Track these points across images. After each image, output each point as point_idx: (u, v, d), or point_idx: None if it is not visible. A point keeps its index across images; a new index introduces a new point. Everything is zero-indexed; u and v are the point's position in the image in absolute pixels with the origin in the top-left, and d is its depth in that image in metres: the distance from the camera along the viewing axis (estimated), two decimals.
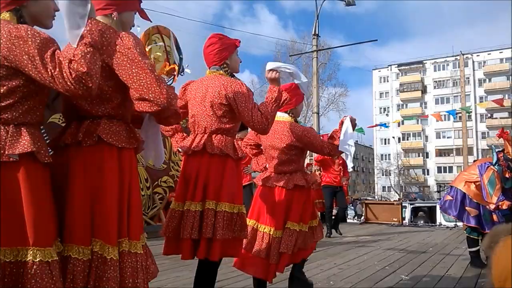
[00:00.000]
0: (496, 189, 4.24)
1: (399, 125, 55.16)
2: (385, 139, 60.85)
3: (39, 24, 1.65)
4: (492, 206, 4.26)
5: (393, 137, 57.61)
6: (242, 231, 2.30)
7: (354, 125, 2.87)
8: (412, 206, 15.11)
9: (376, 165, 59.33)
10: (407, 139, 58.53)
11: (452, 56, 53.07)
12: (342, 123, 2.86)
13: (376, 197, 46.91)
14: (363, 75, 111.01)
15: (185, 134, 2.58)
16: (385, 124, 12.58)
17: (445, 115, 11.26)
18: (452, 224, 10.84)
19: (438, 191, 15.36)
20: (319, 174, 8.76)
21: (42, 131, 1.70)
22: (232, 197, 2.26)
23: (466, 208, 4.54)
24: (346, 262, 5.05)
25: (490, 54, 54.39)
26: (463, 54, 23.19)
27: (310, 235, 2.93)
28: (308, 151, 3.14)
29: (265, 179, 2.91)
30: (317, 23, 16.45)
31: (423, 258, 5.42)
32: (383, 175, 53.20)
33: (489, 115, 52.11)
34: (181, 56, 8.89)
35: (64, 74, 1.41)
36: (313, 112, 19.11)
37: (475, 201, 4.53)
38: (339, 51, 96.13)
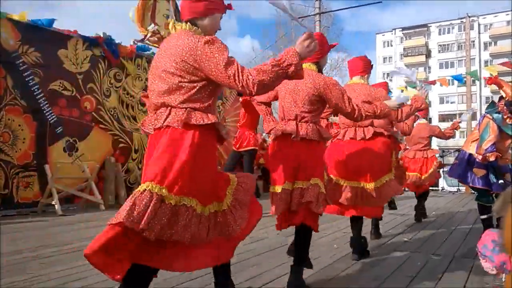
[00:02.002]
0: (488, 140, 3.86)
1: (402, 91, 54.56)
2: None
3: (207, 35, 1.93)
4: (480, 157, 3.89)
5: None
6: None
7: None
8: None
9: None
10: None
11: (458, 19, 51.80)
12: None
13: None
14: (367, 40, 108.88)
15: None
16: (390, 92, 12.32)
17: (449, 80, 11.03)
18: (454, 189, 10.89)
19: (441, 156, 15.23)
20: None
21: None
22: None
23: (474, 169, 4.13)
24: (348, 226, 5.05)
25: (496, 16, 53.08)
26: (469, 17, 22.51)
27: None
28: None
29: (410, 154, 6.08)
30: None
31: (426, 222, 5.45)
32: None
33: None
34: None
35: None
36: None
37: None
38: (342, 15, 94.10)
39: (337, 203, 3.35)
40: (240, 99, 6.22)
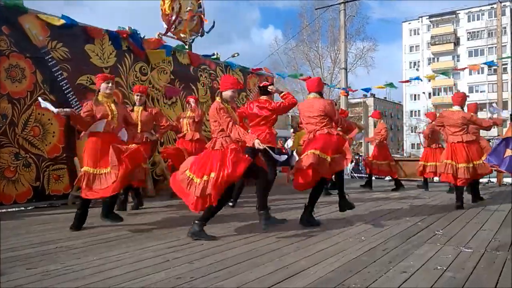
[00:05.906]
0: None
1: (429, 80, 53.40)
2: (415, 95, 59.18)
3: None
4: None
5: (424, 93, 55.87)
6: None
7: None
8: None
9: (405, 121, 58.08)
10: (438, 94, 56.72)
11: (488, 5, 50.11)
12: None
13: (404, 154, 46.25)
14: (393, 28, 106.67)
15: None
16: (418, 77, 11.96)
17: (481, 68, 10.80)
18: (485, 180, 10.58)
19: None
20: None
21: None
22: None
23: None
24: (376, 218, 5.00)
25: None
26: (500, 2, 21.73)
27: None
28: None
29: None
30: None
31: (456, 213, 5.31)
32: (412, 132, 51.84)
33: None
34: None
35: None
36: (340, 68, 18.60)
37: None
38: (367, 2, 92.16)
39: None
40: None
